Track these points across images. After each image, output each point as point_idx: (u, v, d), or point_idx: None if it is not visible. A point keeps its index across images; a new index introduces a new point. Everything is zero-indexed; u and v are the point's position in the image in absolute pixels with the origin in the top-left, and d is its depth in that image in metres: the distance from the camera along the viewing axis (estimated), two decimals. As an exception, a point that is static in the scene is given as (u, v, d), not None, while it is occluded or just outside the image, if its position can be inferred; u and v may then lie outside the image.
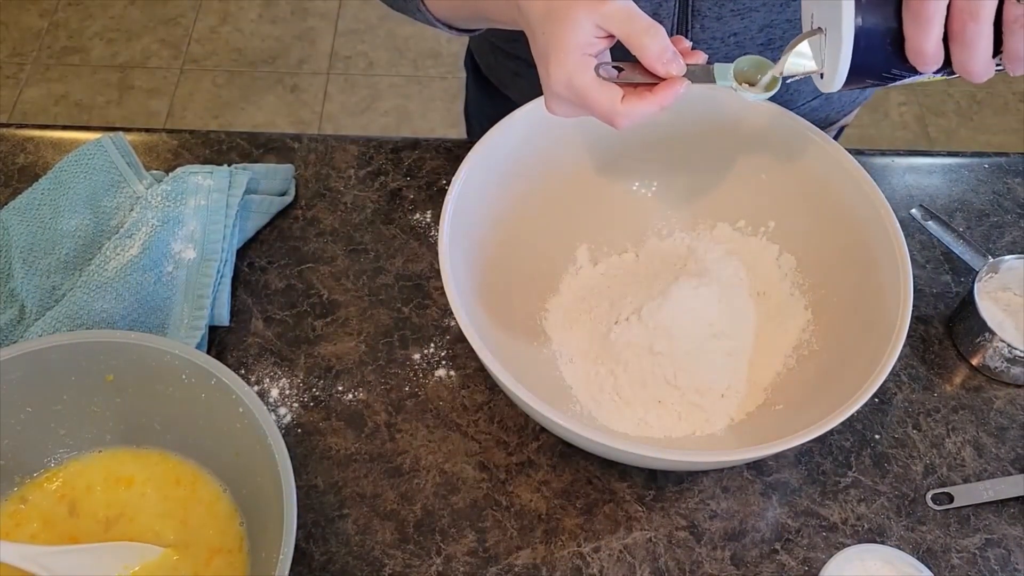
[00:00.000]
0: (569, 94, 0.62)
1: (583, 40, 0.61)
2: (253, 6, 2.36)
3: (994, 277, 0.81)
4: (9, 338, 0.75)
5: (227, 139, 0.91)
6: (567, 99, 0.63)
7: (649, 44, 0.61)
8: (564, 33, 0.61)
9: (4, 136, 0.90)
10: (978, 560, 0.70)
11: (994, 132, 2.19)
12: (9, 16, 2.30)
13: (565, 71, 0.61)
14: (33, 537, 0.66)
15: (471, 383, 0.77)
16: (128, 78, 2.20)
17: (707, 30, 0.80)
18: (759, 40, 0.82)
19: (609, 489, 0.72)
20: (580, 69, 0.61)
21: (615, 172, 0.83)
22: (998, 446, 0.76)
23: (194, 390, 0.65)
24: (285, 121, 2.15)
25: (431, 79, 2.24)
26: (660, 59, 0.61)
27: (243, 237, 0.83)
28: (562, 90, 0.62)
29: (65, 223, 0.80)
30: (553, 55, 0.62)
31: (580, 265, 0.82)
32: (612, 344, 0.75)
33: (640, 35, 0.60)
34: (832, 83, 0.59)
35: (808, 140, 0.76)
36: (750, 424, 0.73)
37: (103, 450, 0.69)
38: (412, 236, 0.85)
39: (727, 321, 0.76)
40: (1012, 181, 0.92)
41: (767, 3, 0.78)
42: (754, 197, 0.81)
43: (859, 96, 0.96)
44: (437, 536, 0.70)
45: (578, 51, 0.61)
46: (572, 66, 0.61)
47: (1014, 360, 0.77)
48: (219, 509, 0.67)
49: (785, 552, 0.70)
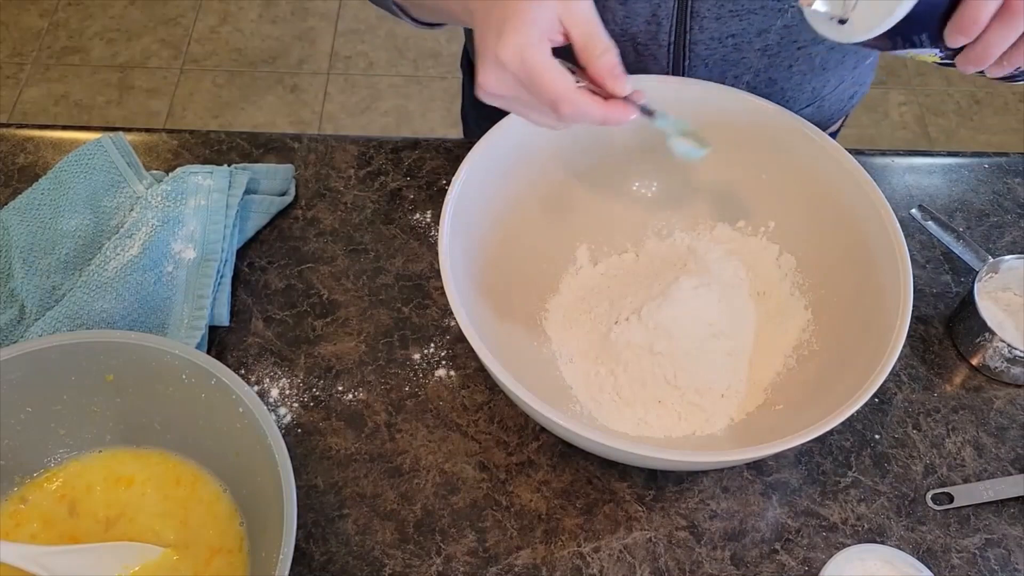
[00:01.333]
0: (517, 66, 0.59)
1: (545, 22, 0.59)
2: (253, 6, 2.36)
3: (994, 277, 0.81)
4: (9, 338, 0.75)
5: (227, 139, 0.91)
6: (510, 73, 0.59)
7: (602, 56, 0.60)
8: (528, 9, 0.59)
9: (4, 136, 0.90)
10: (978, 560, 0.70)
11: (994, 132, 2.19)
12: (9, 16, 2.30)
13: (519, 41, 0.58)
14: (33, 537, 0.66)
15: (471, 383, 0.77)
16: (128, 78, 2.20)
17: (705, 31, 0.80)
18: (756, 45, 0.82)
19: (609, 489, 0.72)
20: (538, 45, 0.59)
21: (615, 172, 0.83)
22: (998, 446, 0.76)
23: (194, 390, 0.65)
24: (285, 121, 2.15)
25: (431, 79, 2.24)
26: (611, 72, 0.60)
27: (243, 237, 0.83)
28: (510, 59, 0.59)
29: (65, 223, 0.80)
30: (510, 24, 0.59)
31: (580, 265, 0.82)
32: (612, 344, 0.75)
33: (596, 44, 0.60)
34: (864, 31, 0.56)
35: (808, 140, 0.76)
36: (750, 424, 0.73)
37: (103, 450, 0.69)
38: (412, 236, 0.85)
39: (727, 321, 0.76)
40: (1012, 181, 0.92)
41: (765, 6, 0.78)
42: (754, 197, 0.81)
43: (847, 104, 0.97)
44: (437, 536, 0.70)
45: (538, 28, 0.59)
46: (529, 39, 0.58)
47: (1014, 360, 0.77)
48: (219, 509, 0.67)
49: (785, 552, 0.70)
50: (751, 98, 0.77)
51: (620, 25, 0.80)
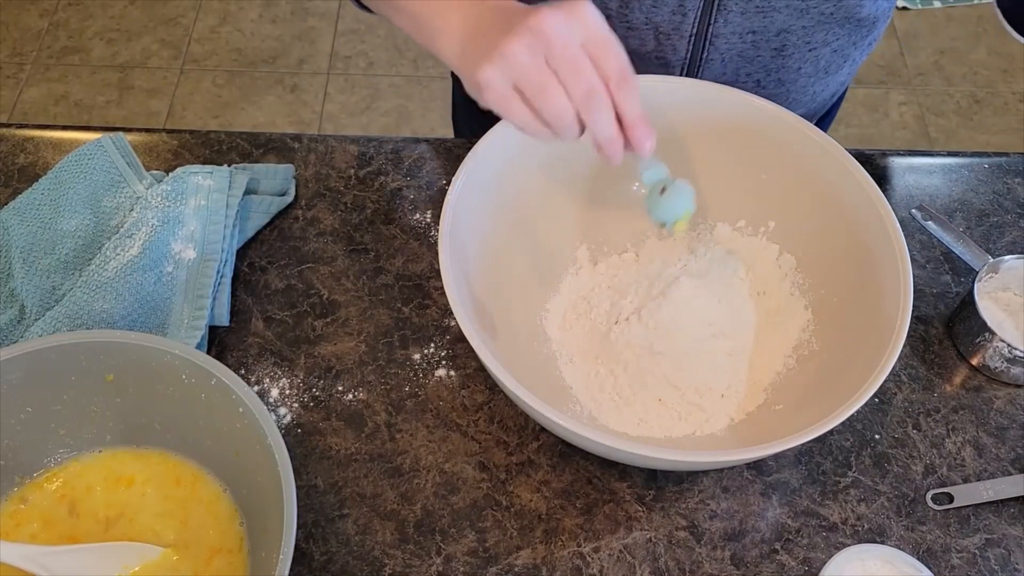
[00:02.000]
0: (584, 21, 0.57)
1: None
2: (253, 6, 2.36)
3: (994, 277, 0.81)
4: (9, 338, 0.75)
5: (227, 139, 0.91)
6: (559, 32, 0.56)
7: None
8: None
9: (4, 136, 0.90)
10: (978, 560, 0.70)
11: (994, 132, 2.19)
12: (9, 16, 2.30)
13: (583, 5, 0.57)
14: (33, 537, 0.66)
15: (471, 383, 0.77)
16: (128, 78, 2.20)
17: (729, 24, 0.80)
18: (773, 44, 0.82)
19: (609, 489, 0.72)
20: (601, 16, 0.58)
21: (615, 172, 0.82)
22: (998, 446, 0.76)
23: (194, 390, 0.65)
24: (285, 121, 2.15)
25: (431, 79, 2.24)
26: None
27: (243, 237, 0.83)
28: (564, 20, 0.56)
29: (65, 223, 0.80)
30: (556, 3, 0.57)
31: (580, 265, 0.82)
32: (612, 344, 0.75)
33: None
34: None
35: (808, 140, 0.76)
36: (750, 424, 0.73)
37: (103, 450, 0.69)
38: (412, 236, 0.85)
39: (727, 321, 0.76)
40: (1012, 181, 0.92)
41: (790, 5, 0.79)
42: (754, 197, 0.81)
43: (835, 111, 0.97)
44: (437, 536, 0.70)
45: None
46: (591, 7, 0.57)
47: (1014, 360, 0.77)
48: (219, 509, 0.67)
49: (785, 552, 0.70)
50: (751, 98, 0.77)
51: (646, 13, 0.80)
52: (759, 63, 0.84)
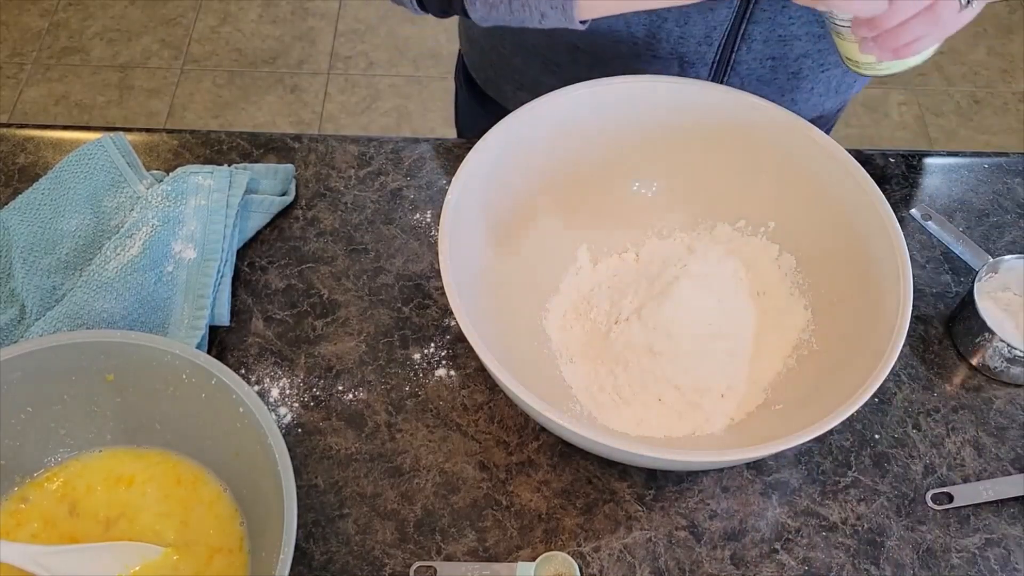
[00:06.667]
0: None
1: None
2: (253, 6, 2.36)
3: (994, 277, 0.81)
4: (9, 338, 0.75)
5: (227, 139, 0.91)
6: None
7: None
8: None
9: (4, 136, 0.90)
10: (978, 560, 0.70)
11: (994, 132, 2.19)
12: (9, 16, 2.30)
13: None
14: (33, 537, 0.66)
15: (471, 383, 0.77)
16: (128, 78, 2.20)
17: (751, 52, 0.82)
18: (791, 68, 0.83)
19: (609, 489, 0.72)
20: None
21: (615, 172, 0.83)
22: (998, 446, 0.76)
23: (194, 390, 0.65)
24: (285, 121, 2.15)
25: (431, 79, 2.24)
26: None
27: (243, 237, 0.83)
28: None
29: (65, 223, 0.81)
30: None
31: (580, 265, 0.82)
32: (612, 344, 0.75)
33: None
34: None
35: (808, 140, 0.76)
36: (750, 424, 0.73)
37: (103, 450, 0.69)
38: (412, 236, 0.85)
39: (727, 321, 0.76)
40: (1012, 181, 0.92)
41: (810, 32, 0.80)
42: (754, 197, 0.81)
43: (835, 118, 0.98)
44: (437, 536, 0.70)
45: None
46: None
47: (1014, 360, 0.77)
48: (219, 509, 0.67)
49: (785, 552, 0.70)
50: (752, 98, 0.77)
51: (673, 44, 0.81)
52: (775, 85, 0.86)
